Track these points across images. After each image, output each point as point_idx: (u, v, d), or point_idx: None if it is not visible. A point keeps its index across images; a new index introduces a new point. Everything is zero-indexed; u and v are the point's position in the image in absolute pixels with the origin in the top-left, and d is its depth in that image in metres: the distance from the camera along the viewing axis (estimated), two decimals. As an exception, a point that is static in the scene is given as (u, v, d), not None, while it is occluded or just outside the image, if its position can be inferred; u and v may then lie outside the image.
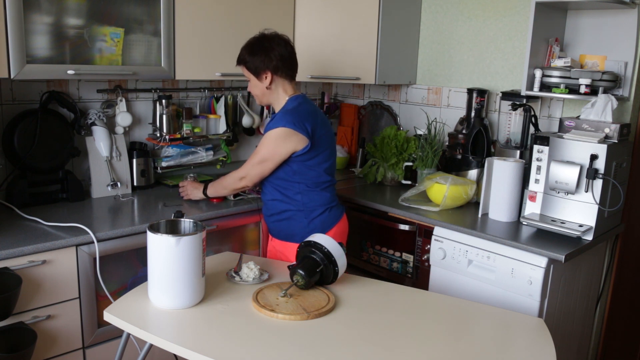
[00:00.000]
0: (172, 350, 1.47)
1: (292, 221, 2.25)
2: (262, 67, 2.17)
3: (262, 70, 2.17)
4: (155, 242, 1.61)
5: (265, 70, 2.17)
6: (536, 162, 2.31)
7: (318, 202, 2.25)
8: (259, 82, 2.20)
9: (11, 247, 1.86)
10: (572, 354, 2.52)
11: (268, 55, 2.15)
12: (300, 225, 2.23)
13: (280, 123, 2.13)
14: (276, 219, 2.28)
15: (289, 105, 2.20)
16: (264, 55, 2.16)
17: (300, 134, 2.11)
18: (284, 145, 2.13)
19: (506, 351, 1.54)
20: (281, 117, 2.15)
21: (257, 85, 2.21)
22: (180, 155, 2.87)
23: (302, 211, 2.23)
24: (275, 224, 2.30)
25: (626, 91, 2.42)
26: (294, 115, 2.13)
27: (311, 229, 2.20)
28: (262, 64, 2.16)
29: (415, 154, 2.89)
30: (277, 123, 2.14)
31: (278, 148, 2.14)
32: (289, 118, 2.13)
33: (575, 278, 2.33)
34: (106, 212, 2.36)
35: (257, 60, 2.16)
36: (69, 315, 2.04)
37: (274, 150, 2.15)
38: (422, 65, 3.20)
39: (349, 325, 1.61)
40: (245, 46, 2.21)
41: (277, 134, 2.13)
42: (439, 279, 2.41)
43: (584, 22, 2.53)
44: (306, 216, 2.23)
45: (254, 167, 2.21)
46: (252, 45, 2.19)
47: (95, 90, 2.61)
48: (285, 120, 2.13)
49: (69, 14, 2.16)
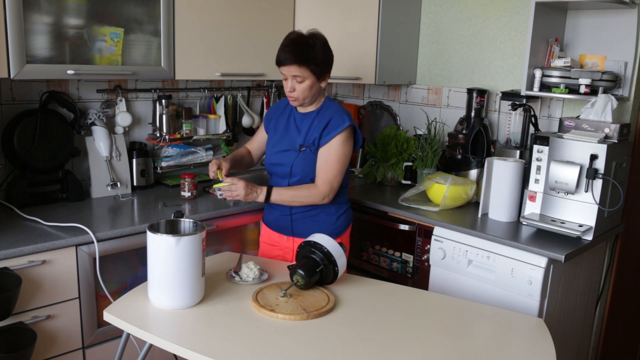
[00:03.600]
0: (172, 350, 1.47)
1: (319, 218, 2.20)
2: (327, 69, 2.10)
3: (326, 72, 2.10)
4: (155, 242, 1.61)
5: (327, 73, 2.10)
6: (536, 162, 2.31)
7: (343, 199, 2.26)
8: (317, 83, 2.09)
9: (11, 247, 1.86)
10: (572, 353, 2.52)
11: (331, 57, 2.10)
12: (328, 222, 2.20)
13: (346, 122, 2.09)
14: (302, 217, 2.20)
15: (332, 104, 2.17)
16: (329, 56, 2.09)
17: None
18: (350, 144, 2.13)
19: (506, 351, 1.54)
20: (340, 116, 2.10)
21: (314, 87, 2.08)
22: (180, 155, 2.87)
23: (330, 208, 2.20)
24: (300, 222, 2.21)
25: (626, 91, 2.42)
26: (348, 113, 2.13)
27: (337, 226, 2.21)
28: (328, 67, 2.10)
29: (415, 154, 2.89)
30: (342, 123, 2.09)
31: (350, 148, 2.12)
32: (346, 116, 2.11)
33: (575, 278, 2.33)
34: (106, 212, 2.36)
35: (325, 62, 2.08)
36: (69, 315, 2.04)
37: (349, 151, 2.13)
38: (422, 65, 3.20)
39: (349, 325, 1.61)
40: (306, 45, 2.04)
41: (349, 134, 2.11)
42: (439, 279, 2.41)
43: (584, 22, 2.53)
44: (335, 212, 2.22)
45: (336, 179, 2.12)
46: (313, 45, 2.04)
47: (95, 90, 2.61)
48: (348, 117, 2.11)
49: (69, 14, 2.16)
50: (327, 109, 2.15)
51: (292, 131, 2.19)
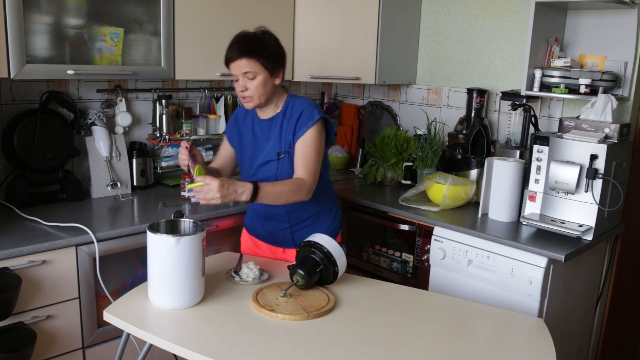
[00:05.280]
0: (172, 350, 1.47)
1: (318, 224, 2.13)
2: (279, 64, 1.96)
3: (279, 68, 1.96)
4: (155, 242, 1.61)
5: (280, 68, 1.97)
6: (536, 162, 2.31)
7: (332, 197, 2.21)
8: (270, 79, 1.94)
9: (11, 247, 1.86)
10: (572, 353, 2.52)
11: (283, 52, 1.97)
12: (325, 226, 2.14)
13: (317, 115, 1.95)
14: (300, 227, 2.12)
15: (297, 100, 2.02)
16: (280, 51, 1.96)
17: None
18: (324, 136, 1.99)
19: (506, 351, 1.54)
20: (310, 110, 1.96)
21: (268, 83, 1.93)
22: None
23: (326, 212, 2.15)
24: (299, 232, 2.12)
25: (626, 91, 2.42)
26: (317, 105, 2.01)
27: (334, 228, 2.17)
28: (280, 62, 1.96)
29: (415, 154, 2.89)
30: (314, 116, 1.95)
31: (324, 140, 1.99)
32: (316, 110, 1.97)
33: (575, 278, 2.33)
34: (106, 212, 2.36)
35: (277, 56, 1.94)
36: (69, 315, 2.04)
37: (324, 144, 1.99)
38: (422, 65, 3.20)
39: (349, 325, 1.61)
40: (253, 38, 1.92)
41: (321, 126, 1.97)
42: (439, 279, 2.41)
43: (584, 22, 2.53)
44: (329, 215, 2.16)
45: (318, 170, 1.96)
46: (262, 39, 1.93)
47: (95, 90, 2.61)
48: (318, 110, 1.97)
49: (69, 14, 2.16)
50: (293, 106, 2.00)
51: (262, 141, 2.05)
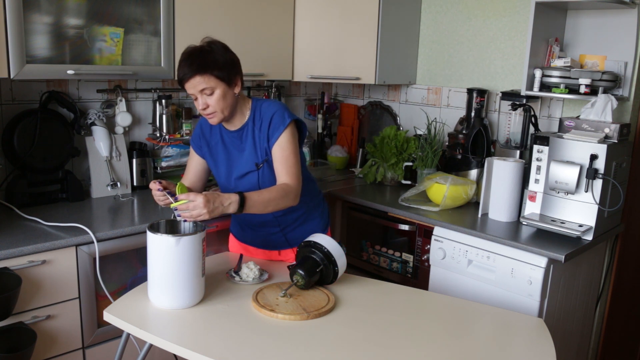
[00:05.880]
0: (172, 350, 1.47)
1: (308, 222, 2.12)
2: (235, 73, 1.87)
3: (235, 76, 1.87)
4: (155, 242, 1.61)
5: (237, 76, 1.88)
6: (536, 162, 2.31)
7: (315, 190, 2.19)
8: (229, 90, 1.85)
9: (11, 247, 1.86)
10: (572, 353, 2.52)
11: (235, 59, 1.89)
12: (315, 221, 2.14)
13: (287, 117, 1.90)
14: (292, 228, 2.11)
15: (264, 103, 1.96)
16: (232, 58, 1.88)
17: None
18: (297, 137, 1.96)
19: (506, 351, 1.54)
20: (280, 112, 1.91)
21: (228, 95, 1.84)
22: (180, 155, 2.86)
23: (313, 207, 2.14)
24: (292, 233, 2.11)
25: (626, 91, 2.42)
26: (286, 106, 1.97)
27: (324, 223, 2.17)
28: (234, 69, 1.87)
29: (415, 154, 2.89)
30: (285, 119, 1.90)
31: (297, 141, 1.95)
32: (286, 112, 1.92)
33: (575, 278, 2.33)
34: (106, 212, 2.36)
35: (229, 64, 1.85)
36: (69, 315, 2.04)
37: (298, 145, 1.95)
38: (422, 65, 3.20)
39: (349, 325, 1.61)
40: (202, 52, 1.82)
41: (294, 127, 1.93)
42: (439, 279, 2.41)
43: (584, 22, 2.53)
44: (316, 210, 2.15)
45: (300, 172, 1.92)
46: (210, 50, 1.83)
47: (95, 90, 2.61)
48: (288, 112, 1.92)
49: (69, 14, 2.16)
50: (261, 111, 1.93)
51: (236, 153, 1.98)
